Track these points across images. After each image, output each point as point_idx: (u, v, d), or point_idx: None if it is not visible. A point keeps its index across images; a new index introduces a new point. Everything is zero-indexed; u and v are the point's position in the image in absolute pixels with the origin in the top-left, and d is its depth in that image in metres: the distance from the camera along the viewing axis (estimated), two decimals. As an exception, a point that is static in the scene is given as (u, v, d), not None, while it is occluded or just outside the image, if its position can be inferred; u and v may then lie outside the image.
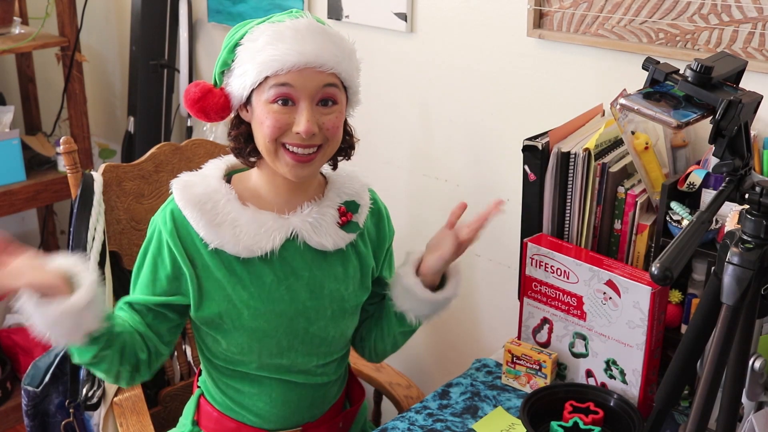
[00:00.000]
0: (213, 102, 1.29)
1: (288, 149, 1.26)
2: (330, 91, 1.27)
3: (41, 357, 1.65)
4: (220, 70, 1.30)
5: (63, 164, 1.72)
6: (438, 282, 1.41)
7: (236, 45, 1.27)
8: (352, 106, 1.35)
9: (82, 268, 1.21)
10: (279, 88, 1.24)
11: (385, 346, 1.49)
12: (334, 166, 1.40)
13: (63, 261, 1.21)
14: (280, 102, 1.24)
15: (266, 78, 1.24)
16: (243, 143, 1.32)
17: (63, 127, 2.82)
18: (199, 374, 1.50)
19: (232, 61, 1.28)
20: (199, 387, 1.49)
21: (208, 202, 1.30)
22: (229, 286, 1.31)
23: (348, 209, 1.38)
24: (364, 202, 1.42)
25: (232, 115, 1.33)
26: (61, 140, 1.64)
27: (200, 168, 1.38)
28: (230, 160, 1.40)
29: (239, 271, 1.31)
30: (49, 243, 3.09)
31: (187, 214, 1.30)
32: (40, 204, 2.62)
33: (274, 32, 1.24)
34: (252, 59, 1.24)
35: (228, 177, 1.37)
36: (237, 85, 1.27)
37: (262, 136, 1.27)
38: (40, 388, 1.62)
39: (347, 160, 1.40)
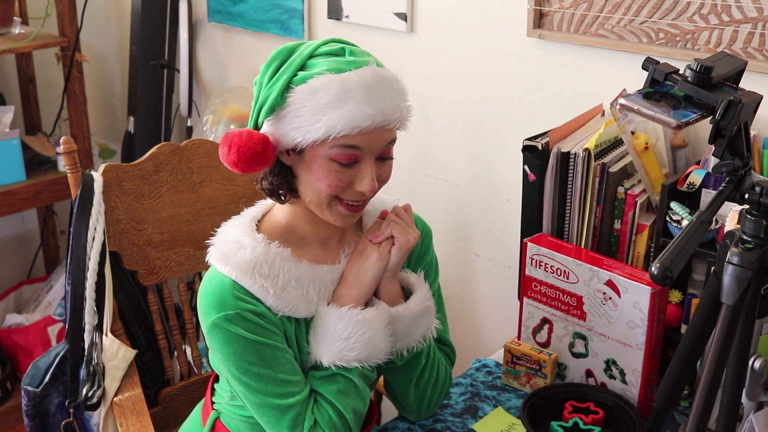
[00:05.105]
0: (270, 155, 1.17)
1: (343, 201, 1.20)
2: (391, 148, 1.21)
3: (41, 357, 1.65)
4: (266, 114, 1.17)
5: (63, 164, 1.72)
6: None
7: (287, 88, 1.15)
8: None
9: None
10: (345, 150, 1.14)
11: (407, 399, 1.38)
12: None
13: None
14: (343, 162, 1.16)
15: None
16: (285, 189, 1.22)
17: (63, 127, 2.82)
18: (212, 392, 1.43)
19: (281, 108, 1.16)
20: (215, 410, 1.40)
21: (264, 265, 1.20)
22: (294, 343, 1.25)
23: None
24: None
25: None
26: (61, 140, 1.64)
27: (215, 234, 1.27)
28: (249, 215, 1.30)
29: (304, 328, 1.26)
30: (49, 243, 3.09)
31: (246, 283, 1.19)
32: (40, 204, 2.62)
33: (341, 89, 1.12)
34: (314, 116, 1.12)
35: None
36: (288, 135, 1.16)
37: (315, 191, 1.18)
38: (40, 388, 1.62)
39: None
